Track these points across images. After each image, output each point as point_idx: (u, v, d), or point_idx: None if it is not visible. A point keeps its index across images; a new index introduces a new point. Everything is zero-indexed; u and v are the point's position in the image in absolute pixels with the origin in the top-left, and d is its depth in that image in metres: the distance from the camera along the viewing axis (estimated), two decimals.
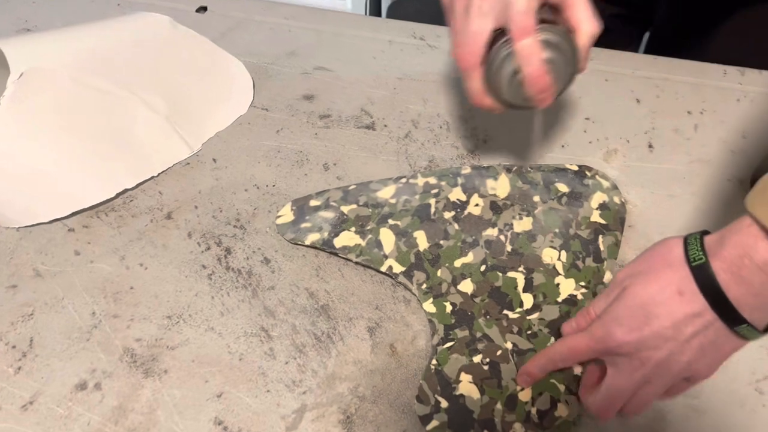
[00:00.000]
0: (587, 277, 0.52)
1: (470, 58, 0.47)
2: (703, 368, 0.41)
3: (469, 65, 0.47)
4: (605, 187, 0.57)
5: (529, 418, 0.45)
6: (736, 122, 0.65)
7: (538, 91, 0.46)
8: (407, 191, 0.57)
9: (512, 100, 0.49)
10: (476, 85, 0.48)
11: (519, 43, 0.44)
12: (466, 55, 0.47)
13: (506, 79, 0.47)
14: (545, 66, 0.45)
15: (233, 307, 0.52)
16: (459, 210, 0.55)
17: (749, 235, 0.37)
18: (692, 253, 0.39)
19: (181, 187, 0.60)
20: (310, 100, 0.68)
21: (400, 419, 0.46)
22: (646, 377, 0.41)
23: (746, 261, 0.37)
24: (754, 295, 0.37)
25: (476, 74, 0.48)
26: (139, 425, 0.46)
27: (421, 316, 0.52)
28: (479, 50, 0.46)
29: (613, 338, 0.41)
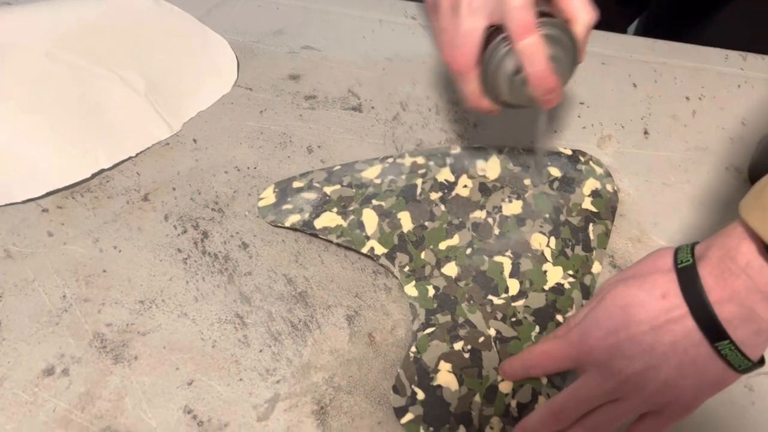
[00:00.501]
0: (575, 266, 0.50)
1: (464, 60, 0.43)
2: (682, 395, 0.37)
3: (464, 68, 0.44)
4: (598, 174, 0.55)
5: (508, 412, 0.44)
6: (736, 109, 0.62)
7: (544, 93, 0.43)
8: (393, 171, 0.55)
9: (513, 101, 0.46)
10: (472, 87, 0.45)
11: (521, 43, 0.41)
12: (460, 57, 0.43)
13: (506, 79, 0.44)
14: (550, 65, 0.42)
15: (208, 293, 0.51)
16: (446, 191, 0.53)
17: (734, 237, 0.35)
18: (681, 257, 0.37)
19: (160, 168, 0.58)
20: (295, 80, 0.66)
21: (376, 410, 0.45)
22: (616, 391, 0.37)
23: (729, 263, 0.35)
24: (739, 303, 0.34)
25: (472, 76, 0.44)
26: (106, 413, 0.45)
27: (402, 305, 0.50)
28: (473, 51, 0.43)
29: (589, 342, 0.38)
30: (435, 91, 0.65)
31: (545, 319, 0.47)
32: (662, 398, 0.37)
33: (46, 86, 0.56)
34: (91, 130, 0.58)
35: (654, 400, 0.37)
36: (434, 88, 0.65)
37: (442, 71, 0.67)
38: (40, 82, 0.56)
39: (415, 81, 0.66)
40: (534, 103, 0.45)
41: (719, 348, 0.35)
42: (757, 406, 0.45)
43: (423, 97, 0.64)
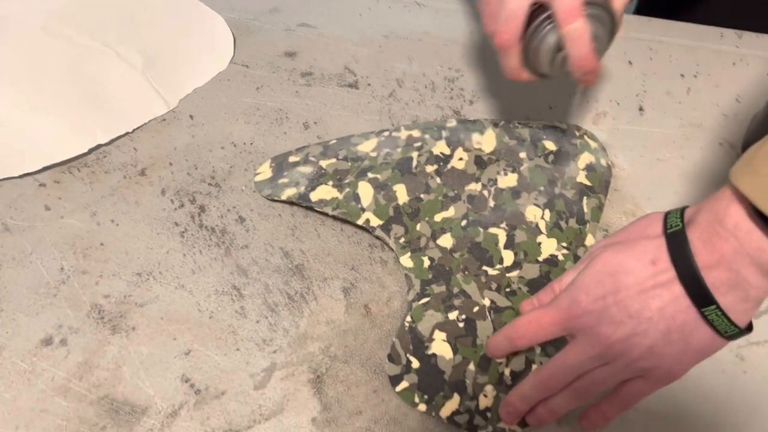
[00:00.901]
0: (569, 238, 0.50)
1: (509, 36, 0.44)
2: (667, 360, 0.37)
3: (508, 43, 0.45)
4: (593, 148, 0.56)
5: (502, 380, 0.44)
6: (731, 86, 0.63)
7: (586, 73, 0.45)
8: (389, 144, 0.55)
9: (553, 74, 0.47)
10: (514, 62, 0.46)
11: (567, 27, 0.42)
12: (505, 33, 0.44)
13: (548, 56, 0.45)
14: (593, 47, 0.43)
15: (205, 266, 0.51)
16: (442, 164, 0.54)
17: (722, 200, 0.35)
18: (670, 222, 0.37)
19: (156, 143, 0.59)
20: (292, 57, 0.66)
21: (372, 379, 0.45)
22: (603, 356, 0.38)
23: (717, 226, 0.34)
24: (727, 267, 0.34)
25: (514, 51, 0.46)
26: (104, 381, 0.45)
27: (398, 277, 0.50)
28: (518, 28, 0.44)
29: (578, 306, 0.38)
30: (431, 68, 0.65)
31: (539, 289, 0.48)
32: (647, 363, 0.37)
33: (42, 61, 0.56)
34: (88, 105, 0.58)
35: (639, 365, 0.37)
36: (430, 66, 0.65)
37: (439, 49, 0.67)
38: (37, 56, 0.56)
39: (411, 58, 0.66)
40: (572, 77, 0.46)
41: (706, 313, 0.35)
42: (749, 375, 0.45)
43: (419, 74, 0.64)
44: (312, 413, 0.44)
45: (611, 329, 0.37)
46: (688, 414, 0.44)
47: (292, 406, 0.44)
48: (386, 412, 0.44)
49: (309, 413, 0.44)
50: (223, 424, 0.43)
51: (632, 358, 0.37)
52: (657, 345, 0.36)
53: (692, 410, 0.44)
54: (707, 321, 0.35)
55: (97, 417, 0.44)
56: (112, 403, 0.44)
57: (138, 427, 0.43)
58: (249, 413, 0.44)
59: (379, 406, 0.44)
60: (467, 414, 0.43)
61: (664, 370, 0.37)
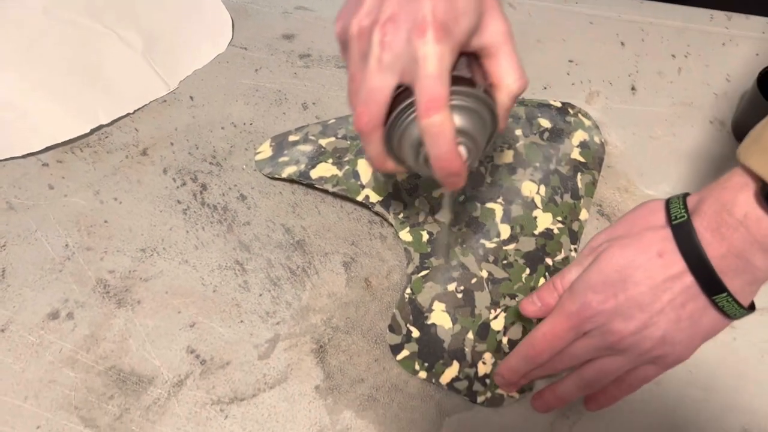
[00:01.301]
0: (564, 213, 0.51)
1: (369, 119, 0.36)
2: (677, 347, 0.37)
3: (368, 127, 0.36)
4: (587, 126, 0.57)
5: (500, 348, 0.45)
6: (721, 66, 0.64)
7: (447, 176, 0.37)
8: None
9: (420, 172, 0.39)
10: (376, 149, 0.38)
11: (425, 121, 0.34)
12: (365, 115, 0.36)
13: (412, 150, 0.37)
14: (457, 146, 0.35)
15: (208, 242, 0.52)
16: None
17: (729, 189, 0.34)
18: (674, 212, 0.36)
19: (157, 124, 0.59)
20: (289, 39, 0.66)
21: (373, 348, 0.47)
22: (612, 347, 0.38)
23: (725, 216, 0.34)
24: (736, 255, 0.34)
25: (376, 137, 0.37)
26: (111, 353, 0.46)
27: (397, 252, 0.52)
28: (380, 111, 0.36)
29: (589, 308, 0.37)
30: None
31: (535, 261, 0.49)
32: (659, 352, 0.37)
33: (44, 43, 0.57)
34: (89, 86, 0.59)
35: (650, 354, 0.37)
36: None
37: None
38: (39, 38, 0.57)
39: None
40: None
41: (716, 300, 0.35)
42: (739, 342, 0.47)
43: None
44: (315, 381, 0.45)
45: (623, 324, 0.37)
46: (681, 381, 0.45)
47: (296, 375, 0.45)
48: (387, 380, 0.45)
49: (312, 381, 0.45)
50: (229, 392, 0.45)
51: (644, 349, 0.37)
52: (668, 334, 0.37)
53: (685, 377, 0.45)
54: (716, 306, 0.36)
55: (104, 387, 0.45)
56: (119, 373, 0.45)
57: (145, 396, 0.44)
58: (254, 382, 0.45)
59: (380, 374, 0.45)
60: (466, 380, 0.44)
61: (674, 355, 0.38)
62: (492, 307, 0.47)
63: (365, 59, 0.36)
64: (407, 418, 0.44)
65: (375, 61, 0.35)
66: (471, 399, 0.44)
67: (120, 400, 0.44)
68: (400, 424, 0.43)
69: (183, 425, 0.43)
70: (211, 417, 0.44)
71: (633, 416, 0.44)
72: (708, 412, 0.44)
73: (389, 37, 0.34)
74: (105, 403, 0.44)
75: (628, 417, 0.44)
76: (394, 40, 0.34)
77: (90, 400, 0.44)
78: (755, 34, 0.66)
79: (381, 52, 0.34)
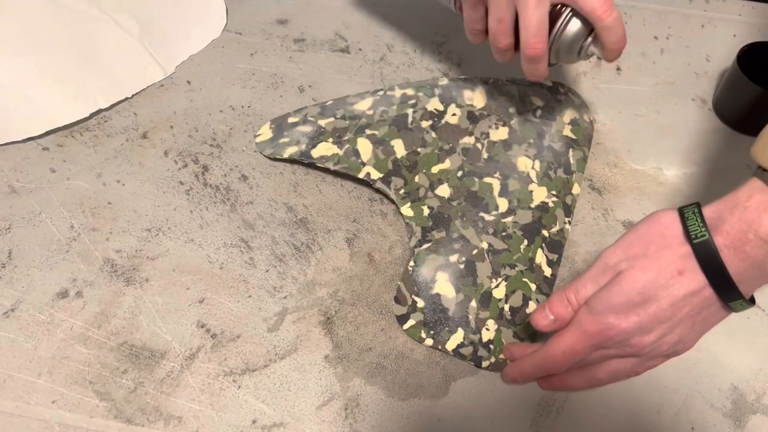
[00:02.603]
0: (558, 187, 0.53)
1: (543, 45, 0.47)
2: (687, 344, 0.40)
3: (543, 52, 0.47)
4: (576, 104, 0.59)
5: (502, 315, 0.47)
6: (700, 46, 0.66)
7: (618, 51, 0.47)
8: (384, 103, 0.58)
9: (570, 63, 0.51)
10: (544, 65, 0.48)
11: (609, 19, 0.45)
12: (539, 44, 0.46)
13: (572, 48, 0.48)
14: None
15: (212, 221, 0.53)
16: (436, 119, 0.56)
17: (754, 209, 0.35)
18: (693, 229, 0.37)
19: (156, 108, 0.60)
20: (283, 24, 0.67)
21: (378, 319, 0.48)
22: (628, 354, 0.40)
23: (751, 236, 0.35)
24: (756, 267, 0.36)
25: (545, 57, 0.48)
26: (122, 329, 0.47)
27: (398, 228, 0.53)
28: (546, 36, 0.47)
29: (612, 329, 0.39)
30: (419, 33, 0.67)
31: (533, 233, 0.51)
32: (671, 351, 0.40)
33: (43, 28, 0.57)
34: (88, 71, 0.59)
35: (663, 354, 0.40)
36: (418, 31, 0.68)
37: (426, 15, 0.69)
38: (38, 23, 0.57)
39: (400, 24, 0.68)
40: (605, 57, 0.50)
41: (732, 306, 0.38)
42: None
43: (408, 38, 0.67)
44: (325, 351, 0.46)
45: (642, 337, 0.39)
46: None
47: (306, 346, 0.47)
48: (394, 348, 0.47)
49: (322, 351, 0.46)
50: (241, 363, 0.46)
51: (659, 353, 0.40)
52: (683, 337, 0.39)
53: None
54: (731, 309, 0.38)
55: (117, 362, 0.45)
56: (131, 348, 0.46)
57: (158, 369, 0.45)
58: (264, 353, 0.46)
59: (387, 343, 0.47)
60: (471, 346, 0.46)
61: (683, 350, 0.41)
62: (493, 276, 0.49)
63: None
64: (415, 384, 0.45)
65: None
66: (476, 364, 0.46)
67: (134, 374, 0.45)
68: (409, 389, 0.45)
69: (197, 396, 0.44)
70: (224, 387, 0.45)
71: None
72: (699, 370, 0.46)
73: None
74: (119, 377, 0.45)
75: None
76: None
77: (104, 375, 0.45)
78: (732, 16, 0.69)
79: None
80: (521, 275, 0.49)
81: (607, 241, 0.52)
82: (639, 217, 0.54)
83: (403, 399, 0.45)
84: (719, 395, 0.45)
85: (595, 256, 0.51)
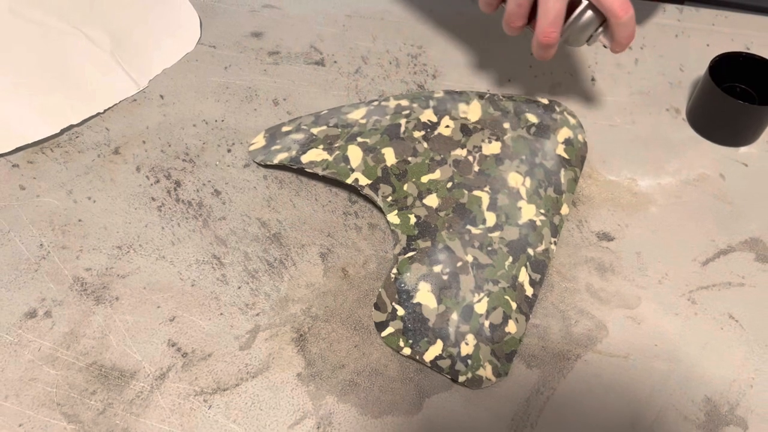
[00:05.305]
0: (547, 206, 0.53)
1: (557, 33, 0.51)
2: None
3: (556, 39, 0.51)
4: (572, 124, 0.59)
5: (482, 331, 0.47)
6: (674, 56, 0.67)
7: (628, 41, 0.51)
8: (378, 112, 0.58)
9: (577, 46, 0.57)
10: (553, 51, 0.53)
11: (626, 17, 0.49)
12: (554, 32, 0.51)
13: (583, 36, 0.53)
14: None
15: (184, 237, 0.52)
16: (429, 130, 0.56)
17: None
18: None
19: (128, 123, 0.59)
20: (258, 37, 0.67)
21: (352, 335, 0.48)
22: None
23: None
24: None
25: (556, 45, 0.52)
26: (92, 349, 0.46)
27: (373, 242, 0.53)
28: (560, 27, 0.51)
29: None
30: (394, 45, 0.67)
31: (518, 251, 0.51)
32: None
33: (11, 43, 0.57)
34: (58, 86, 0.58)
35: None
36: (393, 43, 0.67)
37: (401, 27, 0.69)
38: (6, 38, 0.57)
39: (374, 36, 0.68)
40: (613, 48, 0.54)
41: None
42: (700, 317, 0.49)
43: (383, 51, 0.67)
44: (297, 369, 0.46)
45: None
46: (646, 353, 0.47)
47: (278, 364, 0.46)
48: (368, 364, 0.46)
49: (294, 369, 0.46)
50: (212, 383, 0.45)
51: None
52: None
53: (651, 350, 0.48)
54: None
55: (86, 383, 0.45)
56: (100, 369, 0.45)
57: (128, 390, 0.45)
58: (236, 372, 0.46)
59: (360, 359, 0.47)
60: (449, 359, 0.46)
61: None
62: (476, 291, 0.48)
63: None
64: (388, 400, 0.45)
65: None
66: (453, 377, 0.46)
67: (102, 395, 0.44)
68: (382, 406, 0.45)
69: (167, 417, 0.44)
70: (195, 407, 0.44)
71: (604, 390, 0.46)
72: (673, 382, 0.46)
73: None
74: (87, 399, 0.44)
75: (599, 390, 0.46)
76: None
77: (72, 396, 0.44)
78: (705, 26, 0.69)
79: None
80: (503, 292, 0.48)
81: (582, 253, 0.52)
82: (613, 228, 0.54)
83: (376, 416, 0.44)
84: (693, 407, 0.45)
85: (569, 269, 0.51)
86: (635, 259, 0.52)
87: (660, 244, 0.53)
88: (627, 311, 0.49)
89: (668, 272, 0.51)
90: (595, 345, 0.48)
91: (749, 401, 0.45)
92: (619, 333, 0.48)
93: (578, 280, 0.51)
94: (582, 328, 0.48)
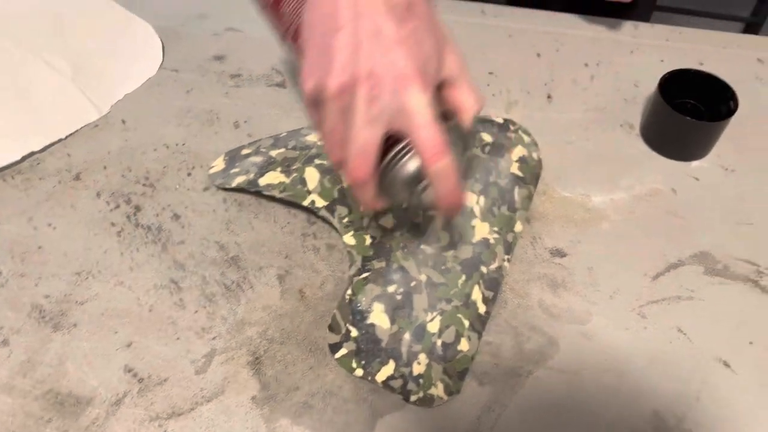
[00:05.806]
0: (500, 224, 0.54)
1: (365, 170, 0.39)
2: None
3: (365, 178, 0.39)
4: (526, 142, 0.60)
5: (434, 350, 0.48)
6: (629, 72, 0.68)
7: (452, 207, 0.40)
8: None
9: (413, 206, 0.45)
10: (370, 194, 0.41)
11: (435, 167, 0.37)
12: (360, 168, 0.39)
13: (405, 188, 0.41)
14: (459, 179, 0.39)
15: (143, 262, 0.53)
16: None
17: None
18: None
19: (90, 148, 0.60)
20: (220, 60, 0.68)
21: (308, 357, 0.48)
22: None
23: None
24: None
25: (371, 184, 0.40)
26: (48, 377, 0.47)
27: (330, 263, 0.54)
28: (372, 162, 0.39)
29: None
30: None
31: (471, 269, 0.52)
32: None
33: None
34: (19, 113, 0.59)
35: None
36: None
37: None
38: None
39: None
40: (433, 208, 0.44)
41: None
42: (649, 331, 0.50)
43: None
44: (252, 392, 0.47)
45: None
46: (596, 368, 0.48)
47: (233, 387, 0.47)
48: (322, 386, 0.47)
49: (249, 392, 0.47)
50: (167, 408, 0.46)
51: None
52: None
53: (601, 365, 0.48)
54: None
55: (42, 411, 0.45)
56: (56, 396, 0.46)
57: (83, 417, 0.45)
58: (191, 396, 0.46)
59: (315, 381, 0.47)
60: (401, 379, 0.47)
61: None
62: (429, 310, 0.49)
63: (346, 114, 0.37)
64: (342, 421, 0.46)
65: (363, 116, 0.37)
66: (404, 397, 0.46)
67: (58, 423, 0.45)
68: (336, 428, 0.45)
69: None
70: None
71: (555, 406, 0.47)
72: (622, 396, 0.47)
73: (375, 91, 0.36)
74: (43, 427, 0.45)
75: (550, 407, 0.47)
76: (380, 93, 0.36)
77: (28, 425, 0.45)
78: (660, 42, 0.71)
79: (368, 107, 0.36)
80: (456, 311, 0.49)
81: (536, 270, 0.53)
82: (566, 244, 0.55)
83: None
84: (640, 421, 0.46)
85: (522, 285, 0.52)
86: (587, 275, 0.53)
87: (612, 260, 0.54)
88: (578, 327, 0.50)
89: (619, 287, 0.52)
90: (547, 361, 0.48)
91: (695, 414, 0.46)
92: (570, 349, 0.49)
93: (531, 297, 0.52)
94: (534, 345, 0.49)
